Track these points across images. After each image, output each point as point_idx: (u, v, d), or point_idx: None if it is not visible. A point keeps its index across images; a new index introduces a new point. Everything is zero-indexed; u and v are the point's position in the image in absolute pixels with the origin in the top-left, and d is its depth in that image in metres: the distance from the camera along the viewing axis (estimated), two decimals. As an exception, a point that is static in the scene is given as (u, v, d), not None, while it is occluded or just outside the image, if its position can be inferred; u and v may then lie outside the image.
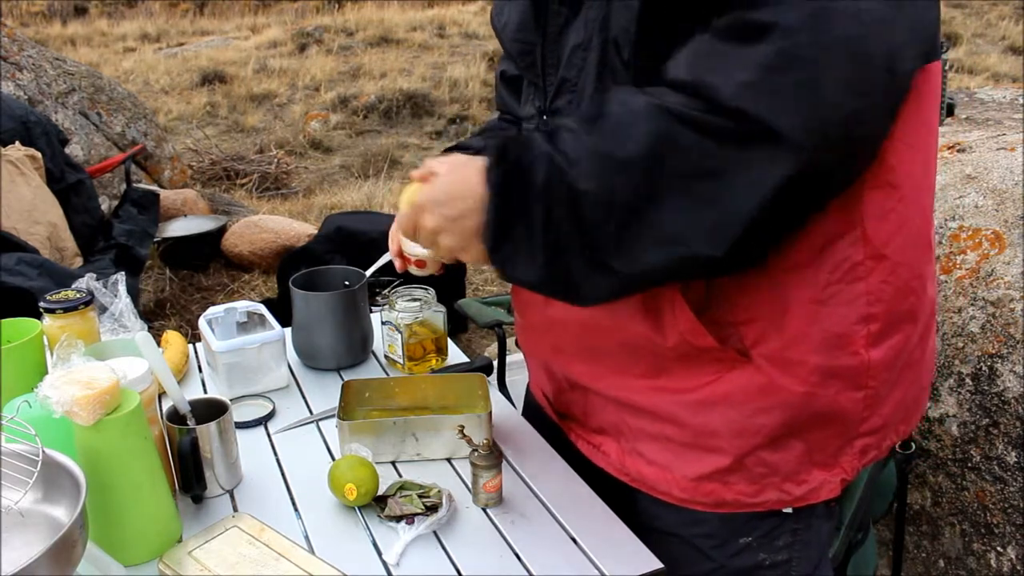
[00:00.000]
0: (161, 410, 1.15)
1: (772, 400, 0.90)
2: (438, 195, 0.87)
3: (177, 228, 4.28)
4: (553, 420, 1.21)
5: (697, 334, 0.89)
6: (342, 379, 1.44)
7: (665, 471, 0.99)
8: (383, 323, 1.49)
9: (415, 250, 1.06)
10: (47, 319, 1.37)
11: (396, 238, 1.11)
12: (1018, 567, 1.64)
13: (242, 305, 1.48)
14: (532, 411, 1.31)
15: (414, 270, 1.08)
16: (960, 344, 1.71)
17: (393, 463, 1.21)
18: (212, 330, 1.43)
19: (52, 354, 1.04)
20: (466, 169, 0.86)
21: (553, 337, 1.06)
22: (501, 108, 1.26)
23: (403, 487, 1.11)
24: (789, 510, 0.98)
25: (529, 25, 0.98)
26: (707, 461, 0.96)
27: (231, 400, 1.26)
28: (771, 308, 0.87)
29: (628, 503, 1.07)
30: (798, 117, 0.70)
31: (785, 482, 0.95)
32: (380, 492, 1.10)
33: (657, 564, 0.99)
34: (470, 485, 1.13)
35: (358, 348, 1.51)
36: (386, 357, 1.51)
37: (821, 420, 0.92)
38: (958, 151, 1.99)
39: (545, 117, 0.98)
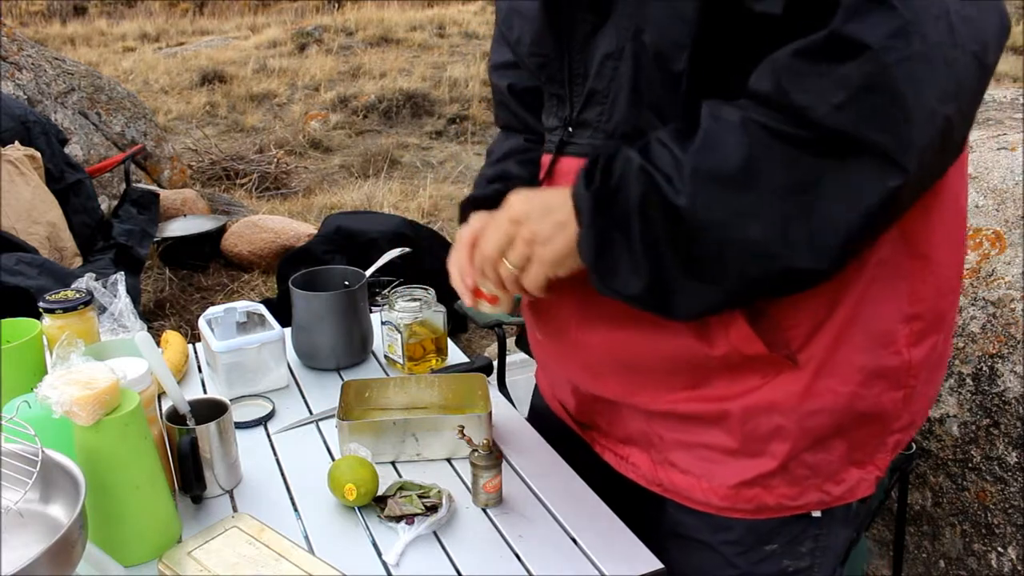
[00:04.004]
0: (161, 410, 1.15)
1: (819, 403, 0.89)
2: (535, 207, 0.86)
3: (177, 228, 4.28)
4: (571, 428, 1.18)
5: (749, 343, 0.87)
6: (342, 379, 1.44)
7: (702, 480, 0.97)
8: (383, 323, 1.49)
9: (490, 285, 0.99)
10: (46, 319, 1.37)
11: (467, 271, 0.97)
12: (1019, 567, 1.63)
13: (242, 305, 1.48)
14: (542, 416, 1.28)
15: (485, 306, 0.98)
16: (960, 344, 1.71)
17: (393, 463, 1.21)
18: (212, 330, 1.43)
19: (52, 354, 1.04)
20: (552, 190, 0.87)
21: (584, 357, 1.02)
22: (510, 125, 1.18)
23: (403, 487, 1.11)
24: (818, 514, 0.97)
25: (545, 38, 0.94)
26: (752, 466, 0.94)
27: (231, 400, 1.26)
28: (816, 310, 0.86)
29: (652, 509, 1.05)
30: (900, 133, 0.70)
31: (826, 482, 0.94)
32: (380, 492, 1.10)
33: (657, 564, 0.99)
34: (470, 485, 1.13)
35: (358, 348, 1.51)
36: (386, 357, 1.51)
37: (863, 420, 0.91)
38: (958, 151, 1.98)
39: (571, 129, 0.95)
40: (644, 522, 1.06)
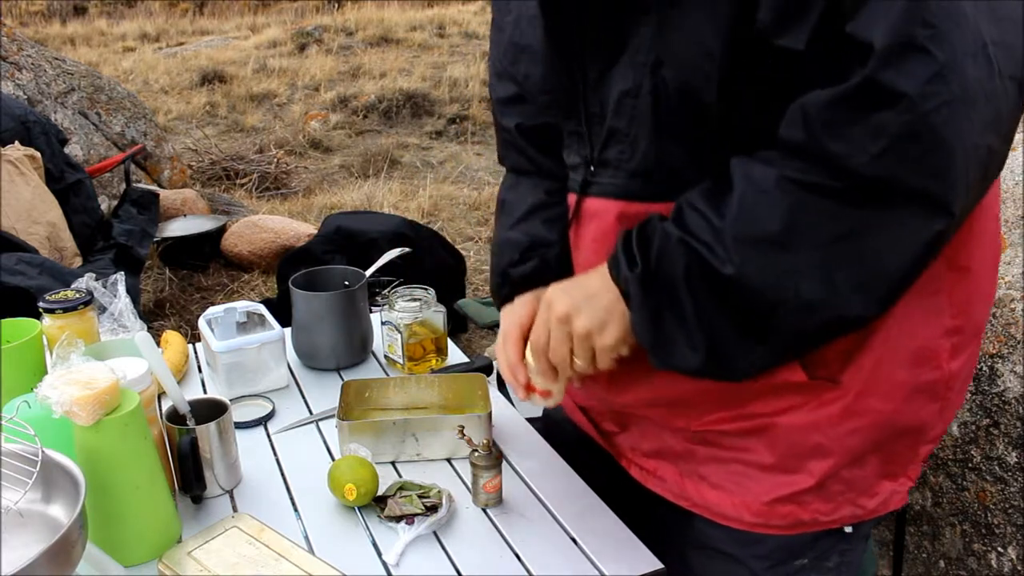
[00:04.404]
0: (161, 410, 1.15)
1: (860, 421, 0.88)
2: (577, 299, 0.86)
3: (177, 228, 4.27)
4: (584, 435, 1.16)
5: (791, 371, 0.86)
6: (342, 379, 1.44)
7: (733, 495, 0.95)
8: (383, 323, 1.49)
9: (542, 379, 0.94)
10: (46, 319, 1.37)
11: (519, 368, 0.95)
12: (1019, 567, 1.63)
13: (242, 305, 1.48)
14: (555, 423, 1.26)
15: (537, 399, 0.96)
16: (960, 344, 1.70)
17: (393, 463, 1.21)
18: (212, 330, 1.43)
19: (52, 354, 1.04)
20: (588, 275, 0.87)
21: (622, 401, 1.01)
22: (520, 167, 1.11)
23: (403, 487, 1.11)
24: (849, 530, 0.95)
25: (556, 75, 0.91)
26: (787, 483, 0.92)
27: (231, 400, 1.26)
28: (858, 333, 0.84)
29: (671, 517, 1.03)
30: (943, 178, 0.68)
31: (860, 496, 0.93)
32: (380, 492, 1.10)
33: (657, 564, 0.99)
34: (470, 485, 1.13)
35: (358, 348, 1.51)
36: (386, 357, 1.51)
37: (900, 434, 0.90)
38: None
39: (592, 168, 0.91)
40: (661, 529, 1.04)
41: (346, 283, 1.53)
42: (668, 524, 1.04)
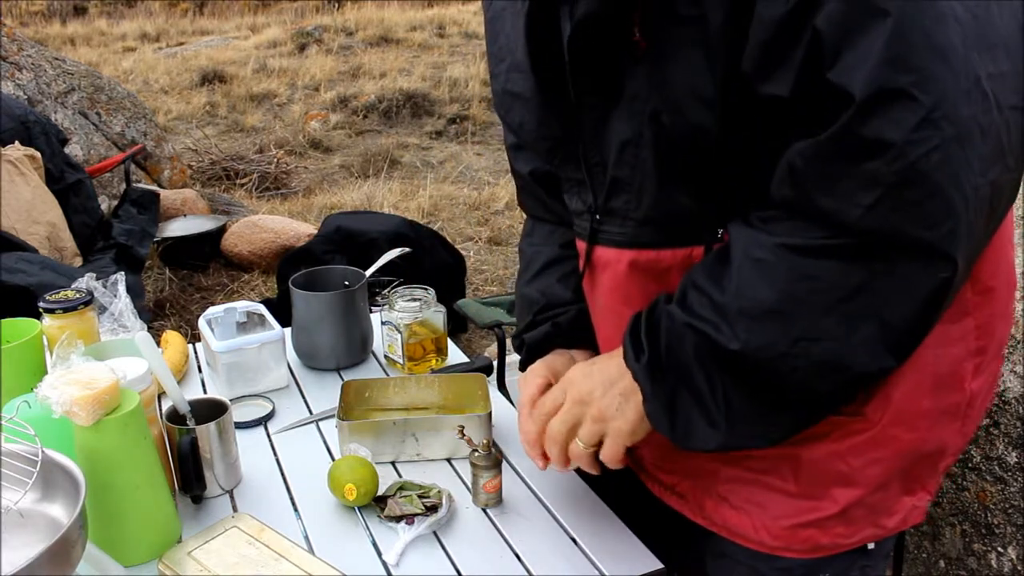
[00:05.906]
0: (161, 410, 1.15)
1: (884, 451, 0.87)
2: (596, 383, 0.86)
3: (177, 228, 4.27)
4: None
5: None
6: (342, 379, 1.44)
7: (754, 518, 0.93)
8: (383, 323, 1.49)
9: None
10: (46, 319, 1.37)
11: (534, 440, 0.96)
12: (1019, 567, 1.63)
13: (242, 305, 1.48)
14: None
15: (556, 468, 0.97)
16: (960, 344, 1.70)
17: (393, 463, 1.21)
18: (212, 330, 1.43)
19: (52, 354, 1.04)
20: (609, 360, 0.87)
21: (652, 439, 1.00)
22: (538, 214, 1.13)
23: (403, 487, 1.11)
24: (872, 545, 0.94)
25: (551, 121, 0.89)
26: (810, 509, 0.90)
27: (231, 400, 1.26)
28: None
29: (684, 525, 1.01)
30: (942, 224, 0.66)
31: (880, 517, 0.91)
32: (380, 492, 1.10)
33: (657, 564, 0.99)
34: (470, 485, 1.13)
35: (358, 348, 1.51)
36: (386, 357, 1.51)
37: (923, 457, 0.89)
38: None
39: (598, 216, 0.90)
40: (680, 535, 1.02)
41: (346, 283, 1.53)
42: (687, 531, 1.02)
